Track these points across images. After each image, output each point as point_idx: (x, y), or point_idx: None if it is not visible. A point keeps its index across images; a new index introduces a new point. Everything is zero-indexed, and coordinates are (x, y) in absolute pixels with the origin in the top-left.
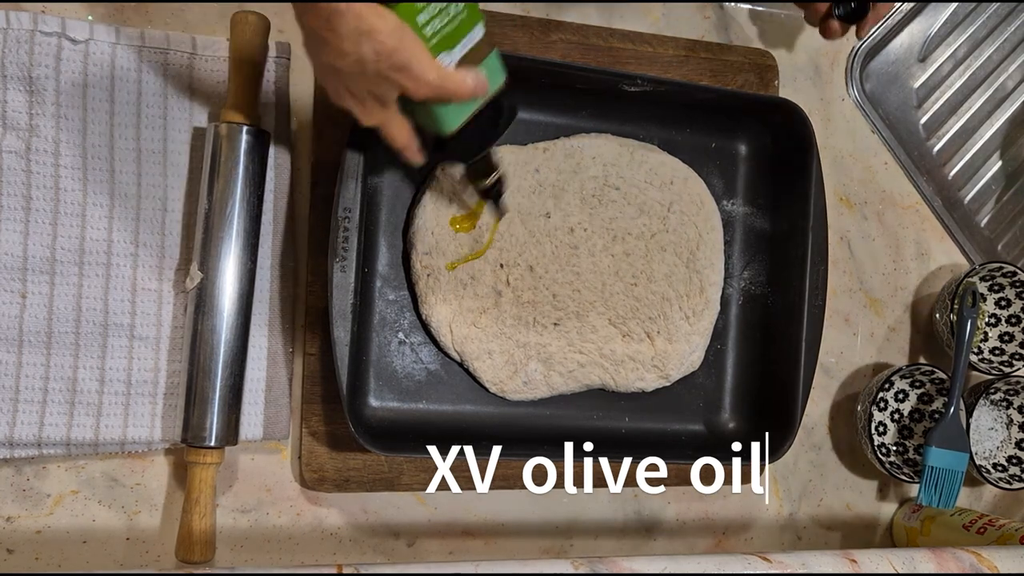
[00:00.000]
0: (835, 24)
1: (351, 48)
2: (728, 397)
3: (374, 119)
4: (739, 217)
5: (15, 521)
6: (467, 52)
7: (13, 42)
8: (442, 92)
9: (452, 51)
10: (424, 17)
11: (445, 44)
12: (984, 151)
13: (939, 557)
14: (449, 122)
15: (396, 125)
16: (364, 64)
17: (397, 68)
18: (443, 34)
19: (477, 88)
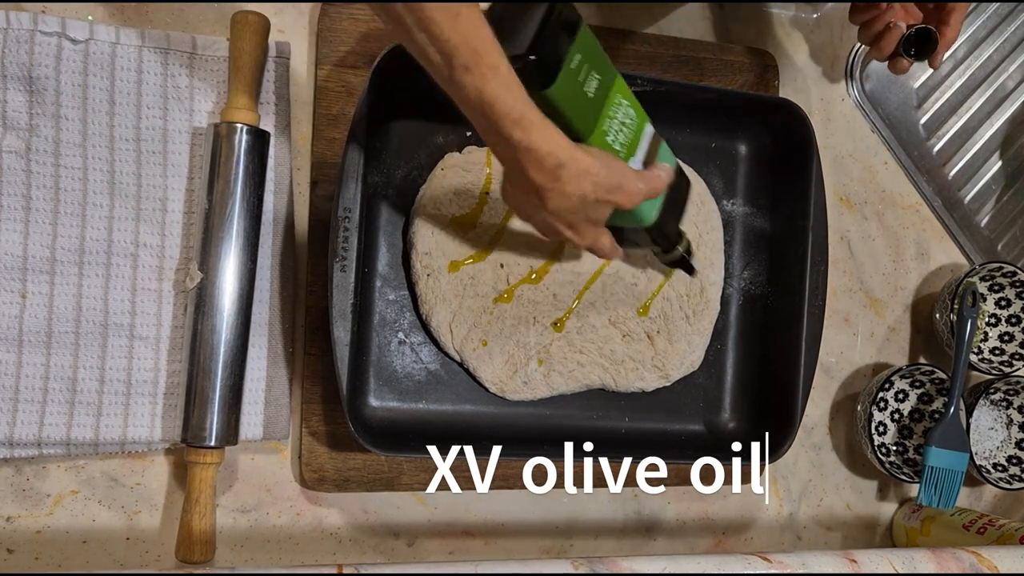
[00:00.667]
0: (904, 62)
1: (574, 190)
2: (728, 397)
3: (589, 240)
4: (739, 217)
5: (15, 521)
6: (647, 152)
7: (13, 42)
8: (649, 195)
9: (636, 155)
10: (611, 137)
11: (630, 150)
12: (984, 151)
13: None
14: (650, 215)
15: (605, 239)
16: (585, 198)
17: (611, 191)
18: (627, 144)
19: (668, 178)
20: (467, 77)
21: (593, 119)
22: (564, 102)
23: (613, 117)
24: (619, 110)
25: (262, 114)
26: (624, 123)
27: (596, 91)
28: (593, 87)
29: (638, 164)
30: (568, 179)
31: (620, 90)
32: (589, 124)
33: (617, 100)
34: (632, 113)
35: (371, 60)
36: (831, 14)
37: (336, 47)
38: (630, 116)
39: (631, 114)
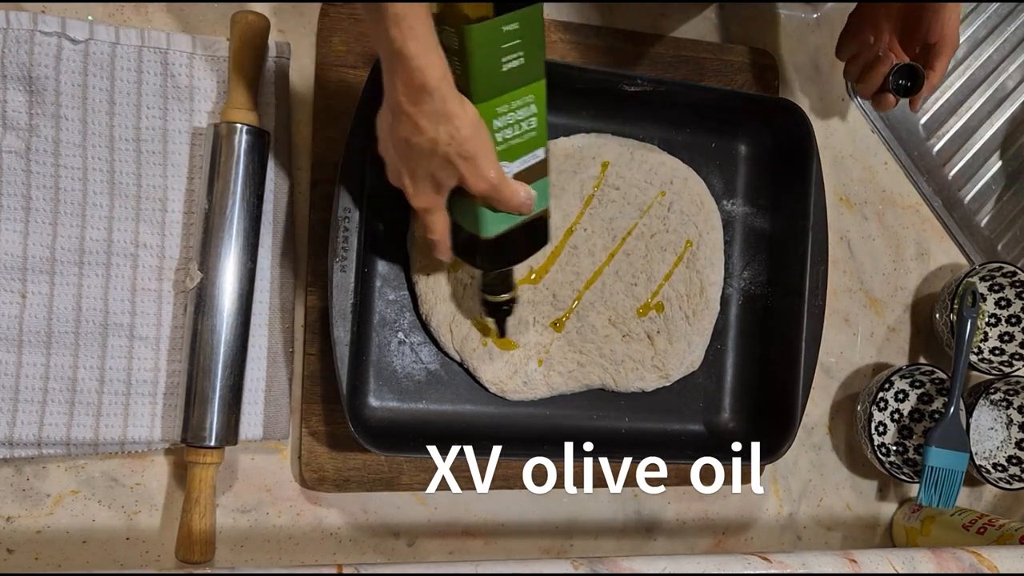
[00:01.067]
0: (890, 97)
1: (429, 127)
2: (728, 397)
3: (423, 202)
4: (739, 217)
5: (15, 521)
6: (524, 169)
7: (13, 42)
8: (495, 194)
9: (512, 163)
10: (499, 123)
11: (508, 155)
12: (984, 151)
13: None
14: (489, 227)
15: (439, 216)
16: (436, 144)
17: (464, 156)
18: (510, 144)
19: (526, 202)
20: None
21: (493, 92)
22: (477, 48)
23: (512, 110)
24: (524, 110)
25: (262, 114)
26: (519, 125)
27: (512, 72)
28: (512, 65)
29: (509, 172)
30: (428, 112)
31: (537, 94)
32: (486, 92)
33: (527, 99)
34: (535, 124)
35: (371, 60)
36: (831, 14)
37: (336, 47)
38: (531, 125)
39: (532, 124)
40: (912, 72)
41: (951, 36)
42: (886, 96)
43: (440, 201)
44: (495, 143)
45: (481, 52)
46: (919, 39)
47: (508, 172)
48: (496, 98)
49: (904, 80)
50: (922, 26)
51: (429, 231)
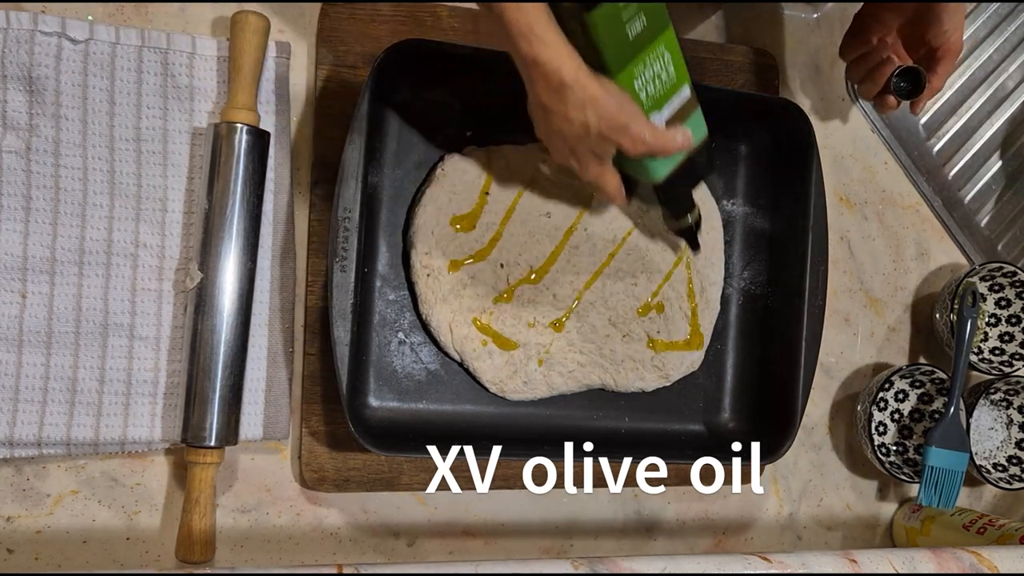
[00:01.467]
0: (892, 99)
1: (577, 115)
2: (728, 397)
3: (592, 174)
4: (739, 217)
5: (15, 521)
6: (675, 112)
7: (13, 42)
8: (655, 149)
9: (662, 111)
10: (639, 83)
11: (657, 105)
12: (984, 151)
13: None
14: (658, 173)
15: (610, 178)
16: (588, 128)
17: (617, 129)
18: (655, 96)
19: (684, 144)
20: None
21: (626, 60)
22: (600, 31)
23: (648, 66)
24: (657, 61)
25: (262, 114)
26: (659, 75)
27: (639, 34)
28: (636, 29)
29: (661, 120)
30: (573, 103)
31: (667, 42)
32: (620, 63)
33: (659, 51)
34: (672, 70)
35: (371, 60)
36: (831, 14)
37: (336, 47)
38: (668, 72)
39: (670, 70)
40: (915, 75)
41: (955, 42)
42: (887, 98)
43: (607, 167)
44: (641, 102)
45: (605, 33)
46: (923, 43)
47: (660, 120)
48: (630, 64)
49: (906, 83)
50: (926, 30)
51: (603, 193)
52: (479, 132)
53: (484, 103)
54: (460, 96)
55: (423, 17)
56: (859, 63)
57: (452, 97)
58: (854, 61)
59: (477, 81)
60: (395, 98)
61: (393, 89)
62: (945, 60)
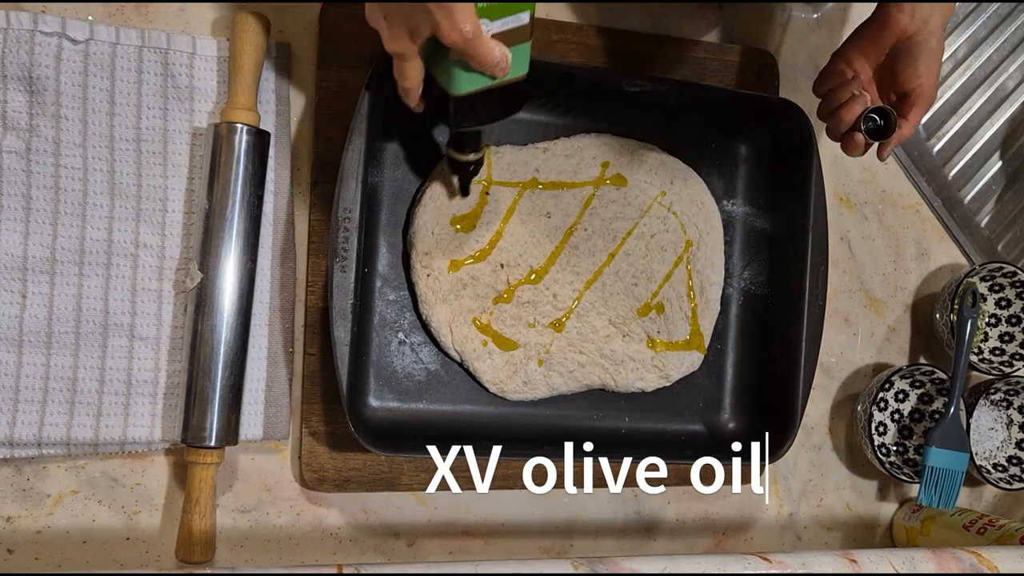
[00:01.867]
0: (860, 137)
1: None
2: (728, 397)
3: (397, 46)
4: (739, 217)
5: (15, 521)
6: (505, 31)
7: (13, 42)
8: (469, 47)
9: (492, 23)
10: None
11: (489, 12)
12: (984, 151)
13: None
14: (460, 84)
15: (413, 65)
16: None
17: (441, 5)
18: (492, 4)
19: (500, 63)
20: None
21: None
22: None
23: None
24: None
25: (262, 114)
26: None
27: None
28: None
29: (487, 30)
30: None
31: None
32: None
33: None
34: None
35: (371, 60)
36: (831, 14)
37: (336, 47)
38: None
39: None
40: (885, 116)
41: (928, 88)
42: (855, 136)
43: (413, 48)
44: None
45: None
46: (895, 87)
47: (487, 31)
48: None
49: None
50: (900, 73)
51: (401, 77)
52: None
53: None
54: None
55: None
56: (828, 99)
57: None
58: (824, 97)
59: None
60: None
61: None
62: (918, 106)
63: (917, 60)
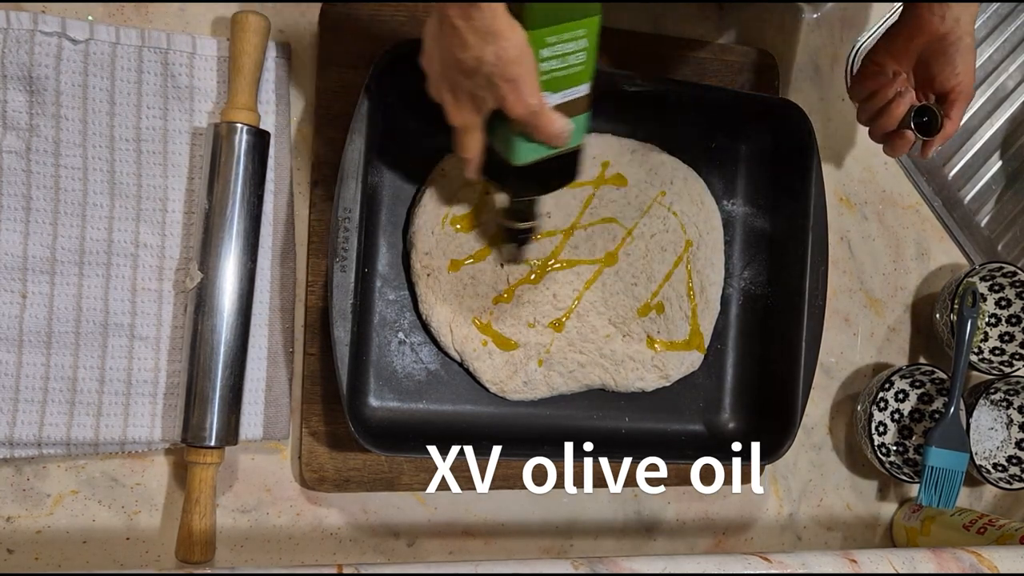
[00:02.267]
0: (910, 135)
1: (475, 43)
2: (728, 397)
3: (461, 119)
4: (739, 217)
5: (15, 521)
6: (566, 102)
7: (13, 42)
8: (533, 120)
9: (554, 95)
10: (547, 53)
11: (551, 86)
12: (984, 151)
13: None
14: (521, 155)
15: (474, 135)
16: (481, 63)
17: (507, 79)
18: (554, 76)
19: (562, 135)
20: None
21: (545, 21)
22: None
23: (563, 41)
24: (573, 44)
25: (262, 114)
26: (567, 58)
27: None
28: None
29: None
30: (476, 28)
31: (590, 31)
32: (538, 20)
33: (578, 34)
34: (583, 58)
35: (371, 60)
36: (831, 14)
37: (336, 47)
38: (578, 59)
39: (580, 59)
40: (929, 112)
41: (967, 85)
42: (905, 134)
43: (477, 120)
44: (540, 72)
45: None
46: (932, 88)
47: (549, 103)
48: (548, 27)
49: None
50: (938, 73)
51: (463, 149)
52: None
53: None
54: None
55: (423, 17)
56: (870, 100)
57: None
58: (864, 101)
59: None
60: (395, 98)
61: (393, 89)
62: (959, 103)
63: (954, 59)
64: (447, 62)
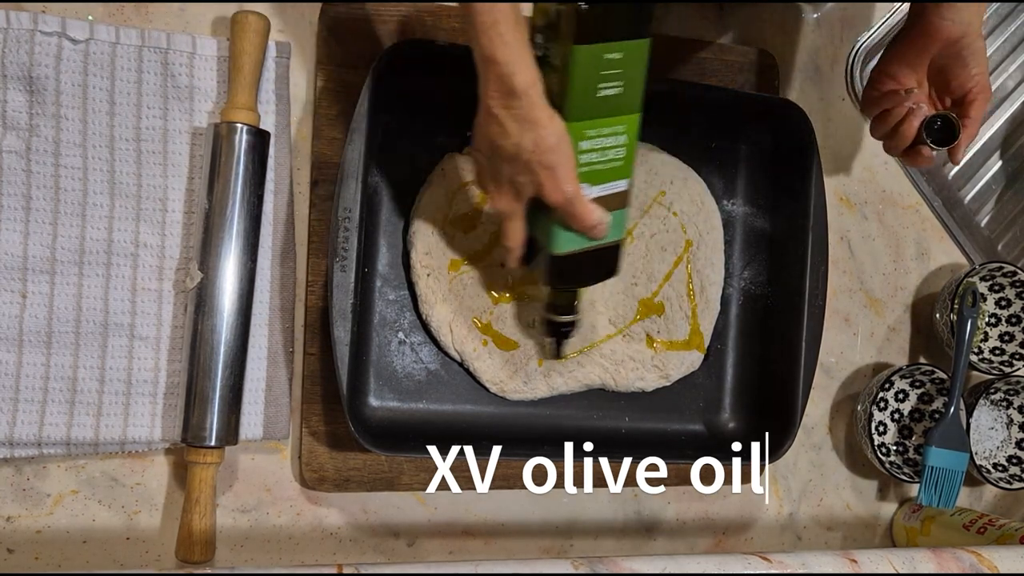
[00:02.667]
0: (927, 151)
1: (515, 131)
2: (728, 397)
3: (502, 205)
4: (739, 217)
5: (15, 521)
6: (605, 195)
7: (13, 42)
8: (570, 208)
9: (593, 187)
10: (586, 145)
11: (590, 178)
12: (984, 151)
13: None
14: (560, 244)
15: (516, 224)
16: (520, 149)
17: (545, 165)
18: (593, 169)
19: (599, 224)
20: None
21: (585, 114)
22: (578, 68)
23: (601, 136)
24: (612, 139)
25: (262, 114)
26: (606, 152)
27: (609, 98)
28: (610, 91)
29: (588, 194)
30: (515, 116)
31: (630, 127)
32: (578, 113)
33: (618, 129)
34: (622, 154)
35: (371, 60)
36: (831, 14)
37: (336, 47)
38: (618, 155)
39: (620, 154)
40: (945, 122)
41: (984, 85)
42: (921, 150)
43: (518, 208)
44: (579, 164)
45: (580, 73)
46: (949, 91)
47: (588, 195)
48: (587, 120)
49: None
50: (954, 76)
51: (505, 237)
52: None
53: None
54: (460, 96)
55: (423, 17)
56: (883, 118)
57: (452, 97)
58: (878, 117)
59: (477, 81)
60: (395, 98)
61: (393, 89)
62: (978, 102)
63: (968, 62)
64: (489, 149)
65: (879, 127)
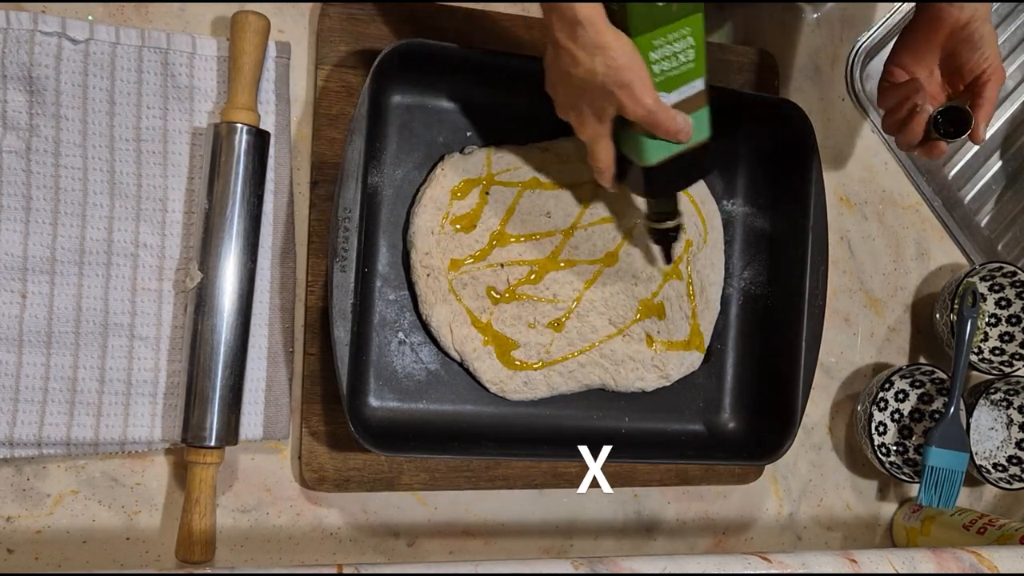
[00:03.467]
0: (941, 144)
1: (585, 58)
2: (728, 397)
3: (588, 133)
4: (739, 217)
5: (15, 521)
6: (683, 99)
7: (13, 42)
8: (653, 119)
9: (670, 94)
10: (656, 55)
11: (666, 86)
12: (984, 151)
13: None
14: (651, 154)
15: (604, 145)
16: (594, 75)
17: (620, 85)
18: (667, 76)
19: (684, 129)
20: None
21: (650, 25)
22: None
23: (670, 42)
24: (680, 41)
25: (262, 114)
26: (676, 57)
27: (668, 6)
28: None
29: (667, 101)
30: (583, 44)
31: (694, 28)
32: (643, 26)
33: (684, 32)
34: (692, 55)
35: (371, 60)
36: (831, 14)
37: (336, 47)
38: (688, 57)
39: (690, 56)
40: (957, 114)
41: (997, 66)
42: (935, 143)
43: (604, 131)
44: (653, 74)
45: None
46: (961, 77)
47: (667, 102)
48: (652, 31)
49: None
50: (966, 61)
51: (594, 160)
52: (479, 132)
53: (484, 103)
54: (460, 96)
55: (423, 17)
56: (896, 111)
57: (452, 97)
58: (889, 112)
59: (477, 81)
60: (395, 98)
61: (393, 89)
62: (992, 83)
63: (979, 45)
64: (565, 82)
65: (889, 122)
